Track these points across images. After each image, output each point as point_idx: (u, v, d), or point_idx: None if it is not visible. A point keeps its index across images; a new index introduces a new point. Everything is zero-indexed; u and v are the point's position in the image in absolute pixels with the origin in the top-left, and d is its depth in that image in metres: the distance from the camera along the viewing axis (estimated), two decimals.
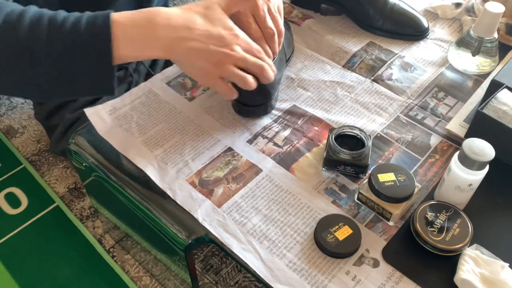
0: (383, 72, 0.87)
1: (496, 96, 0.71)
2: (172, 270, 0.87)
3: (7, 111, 1.43)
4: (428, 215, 0.62)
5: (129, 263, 1.07)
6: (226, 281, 1.03)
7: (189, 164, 0.71)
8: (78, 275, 1.06)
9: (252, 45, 0.64)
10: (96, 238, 1.12)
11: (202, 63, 0.62)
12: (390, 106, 0.81)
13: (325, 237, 0.61)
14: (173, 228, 0.66)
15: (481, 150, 0.59)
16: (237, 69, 0.62)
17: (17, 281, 1.05)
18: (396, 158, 0.73)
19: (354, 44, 0.93)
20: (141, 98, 0.81)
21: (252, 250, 0.62)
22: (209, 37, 0.60)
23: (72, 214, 1.17)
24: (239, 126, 0.77)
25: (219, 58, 0.61)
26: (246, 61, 0.62)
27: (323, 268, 0.60)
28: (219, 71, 0.62)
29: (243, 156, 0.73)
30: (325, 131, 0.76)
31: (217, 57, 0.61)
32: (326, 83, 0.85)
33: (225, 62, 0.61)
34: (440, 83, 0.86)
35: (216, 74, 0.63)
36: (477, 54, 0.84)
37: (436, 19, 1.00)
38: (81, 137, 0.77)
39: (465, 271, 0.57)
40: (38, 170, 1.27)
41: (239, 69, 0.63)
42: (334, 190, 0.69)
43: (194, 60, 0.62)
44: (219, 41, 0.61)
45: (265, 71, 0.64)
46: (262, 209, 0.66)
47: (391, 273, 0.60)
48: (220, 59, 0.61)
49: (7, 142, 1.35)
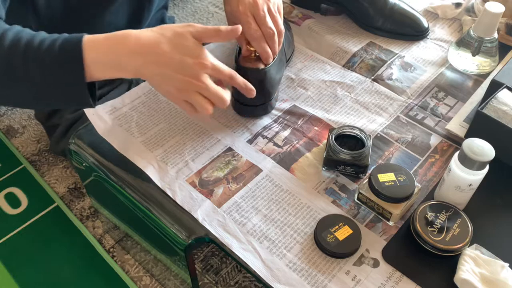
0: (383, 72, 0.87)
1: (496, 96, 0.71)
2: (172, 270, 0.87)
3: (7, 111, 1.43)
4: (428, 215, 0.62)
5: (129, 263, 1.07)
6: (226, 281, 1.03)
7: (189, 164, 0.71)
8: (78, 275, 1.06)
9: (222, 72, 0.65)
10: (96, 238, 1.12)
11: (167, 87, 0.63)
12: (390, 106, 0.81)
13: (325, 237, 0.61)
14: (173, 228, 0.66)
15: (481, 150, 0.59)
16: (200, 98, 0.63)
17: (17, 281, 1.05)
18: (396, 158, 0.73)
19: (354, 44, 0.93)
20: (141, 98, 0.81)
21: (252, 250, 0.62)
22: (174, 64, 0.62)
23: (72, 214, 1.17)
24: (239, 126, 0.77)
25: (183, 86, 0.62)
26: (208, 92, 0.63)
27: (323, 268, 0.60)
28: (183, 96, 0.64)
29: (243, 156, 0.73)
30: (325, 131, 0.76)
31: (181, 85, 0.62)
32: (326, 83, 0.85)
33: (189, 89, 0.63)
34: (440, 83, 0.86)
35: (180, 98, 0.64)
36: (477, 54, 0.84)
37: (436, 19, 1.00)
38: (81, 137, 0.77)
39: (465, 271, 0.57)
40: (38, 170, 1.26)
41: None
42: (334, 190, 0.69)
43: (161, 83, 0.64)
44: (183, 69, 0.62)
45: (224, 104, 0.65)
46: (262, 209, 0.66)
47: (391, 273, 0.60)
48: (184, 86, 0.63)
49: (7, 142, 1.35)
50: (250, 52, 0.73)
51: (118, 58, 0.61)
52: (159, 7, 1.02)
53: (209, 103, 0.64)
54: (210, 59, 0.63)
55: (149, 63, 0.62)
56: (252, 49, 0.73)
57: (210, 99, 0.64)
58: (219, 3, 1.88)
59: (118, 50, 0.61)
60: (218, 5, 1.87)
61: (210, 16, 1.82)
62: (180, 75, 0.62)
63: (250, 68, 0.71)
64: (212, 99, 0.64)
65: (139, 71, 0.62)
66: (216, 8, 1.86)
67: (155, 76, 0.63)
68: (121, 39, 0.62)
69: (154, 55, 0.61)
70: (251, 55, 0.74)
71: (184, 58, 0.62)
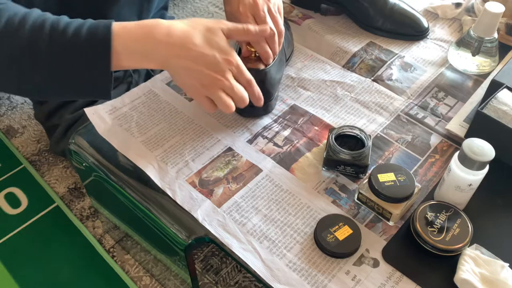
0: (383, 72, 0.87)
1: (496, 96, 0.71)
2: (172, 270, 0.87)
3: (7, 111, 1.43)
4: (428, 215, 0.62)
5: (129, 263, 1.07)
6: (226, 281, 1.03)
7: (189, 164, 0.71)
8: (78, 275, 1.06)
9: (243, 74, 0.66)
10: (96, 238, 1.12)
11: (192, 81, 0.63)
12: (390, 105, 0.81)
13: (325, 237, 0.61)
14: (173, 228, 0.66)
15: (481, 150, 0.59)
16: (224, 95, 0.64)
17: (17, 281, 1.05)
18: (396, 158, 0.73)
19: (354, 44, 0.93)
20: (141, 98, 0.81)
21: (252, 250, 0.62)
22: (204, 59, 0.62)
23: (72, 214, 1.17)
24: (239, 126, 0.77)
25: (209, 81, 0.63)
26: (233, 91, 0.64)
27: (323, 268, 0.60)
28: (207, 92, 0.64)
29: (243, 156, 0.73)
30: (325, 131, 0.76)
31: (207, 80, 0.63)
32: (326, 82, 0.85)
33: (214, 86, 0.63)
34: (440, 83, 0.86)
35: (203, 94, 0.65)
36: (477, 54, 0.84)
37: (436, 19, 1.00)
38: (81, 137, 0.77)
39: (465, 271, 0.57)
40: (38, 170, 1.26)
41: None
42: (334, 190, 0.69)
43: (186, 77, 0.64)
44: (212, 65, 0.62)
45: (244, 104, 0.66)
46: (262, 209, 0.66)
47: (391, 273, 0.60)
48: (210, 82, 0.63)
49: (7, 142, 1.35)
50: (250, 53, 0.74)
51: (148, 47, 0.61)
52: (159, 7, 1.02)
53: (232, 101, 0.64)
54: (237, 58, 0.64)
55: (179, 55, 0.61)
56: (252, 50, 0.73)
57: (233, 97, 0.64)
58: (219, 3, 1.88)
59: (149, 38, 0.61)
60: (218, 5, 1.87)
61: (210, 16, 1.82)
62: (207, 70, 0.62)
63: (250, 68, 0.71)
64: (235, 97, 0.64)
65: (167, 62, 0.62)
66: (216, 8, 1.86)
67: (182, 69, 0.62)
68: (152, 28, 0.61)
69: (184, 49, 0.61)
70: (251, 55, 0.74)
71: (214, 53, 0.62)
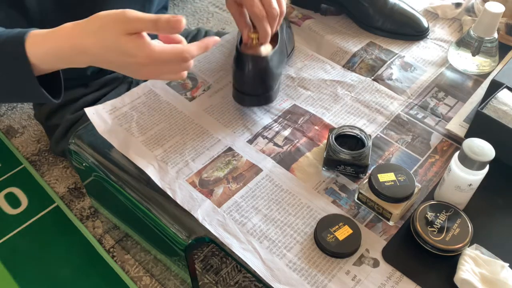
0: (383, 72, 0.87)
1: (496, 96, 0.71)
2: (172, 270, 0.87)
3: (7, 111, 1.43)
4: (428, 215, 0.62)
5: (129, 263, 1.07)
6: (226, 281, 1.03)
7: (189, 164, 0.71)
8: (78, 275, 1.06)
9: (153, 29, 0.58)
10: (96, 238, 1.12)
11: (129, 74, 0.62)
12: (391, 104, 0.81)
13: (325, 237, 0.61)
14: (173, 228, 0.66)
15: (481, 150, 0.59)
16: (165, 76, 0.62)
17: (17, 281, 1.05)
18: (396, 158, 0.73)
19: (354, 44, 0.93)
20: (141, 98, 0.81)
21: (252, 250, 0.62)
22: (117, 66, 0.59)
23: (72, 214, 1.17)
24: (239, 126, 0.77)
25: (143, 77, 0.62)
26: (177, 75, 0.62)
27: (323, 268, 0.60)
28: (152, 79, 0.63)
29: (243, 156, 0.73)
30: (325, 131, 0.76)
31: (140, 76, 0.61)
32: (327, 82, 0.85)
33: (149, 77, 0.63)
34: (440, 83, 0.86)
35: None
36: (477, 54, 0.84)
37: (436, 19, 1.00)
38: (81, 137, 0.77)
39: (465, 271, 0.57)
40: (38, 170, 1.26)
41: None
42: (334, 190, 0.69)
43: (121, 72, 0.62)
44: (128, 68, 0.59)
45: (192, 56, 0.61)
46: (262, 209, 0.66)
47: (391, 273, 0.60)
48: (144, 77, 0.62)
49: (7, 142, 1.35)
50: (251, 39, 0.73)
51: (57, 46, 0.58)
52: (159, 7, 1.02)
53: (179, 72, 0.62)
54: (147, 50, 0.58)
55: (92, 60, 0.59)
56: (252, 36, 0.73)
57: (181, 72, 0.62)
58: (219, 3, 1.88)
59: (56, 38, 0.58)
60: (218, 5, 1.87)
61: (210, 16, 1.82)
62: (129, 71, 0.60)
63: (251, 55, 0.71)
64: (183, 73, 0.62)
65: (87, 63, 0.60)
66: (216, 8, 1.86)
67: (108, 67, 0.60)
68: (58, 29, 0.59)
69: (90, 55, 0.58)
70: (252, 42, 0.73)
71: (122, 59, 0.58)
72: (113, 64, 0.59)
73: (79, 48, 0.58)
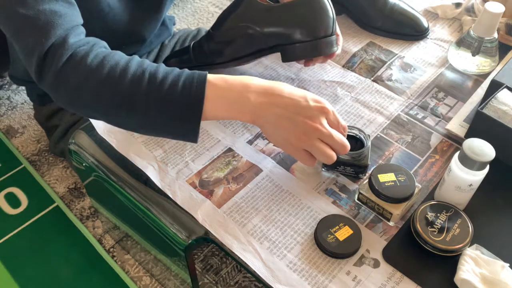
0: (383, 73, 0.87)
1: (496, 96, 0.71)
2: (172, 270, 0.87)
3: (7, 111, 1.43)
4: (428, 215, 0.62)
5: (129, 263, 1.07)
6: (226, 281, 1.03)
7: (189, 165, 0.71)
8: (78, 275, 1.06)
9: (340, 120, 0.63)
10: (96, 238, 1.12)
11: (286, 133, 0.61)
12: (390, 104, 0.81)
13: (326, 238, 0.61)
14: (173, 228, 0.66)
15: (481, 150, 0.59)
16: (323, 145, 0.60)
17: (17, 281, 1.05)
18: (396, 158, 0.73)
19: (354, 44, 0.93)
20: None
21: (252, 251, 0.62)
22: (297, 106, 0.60)
23: (72, 214, 1.17)
24: (239, 127, 0.77)
25: (305, 131, 0.60)
26: (332, 138, 0.61)
27: (324, 268, 0.60)
28: (304, 144, 0.61)
29: (243, 157, 0.73)
30: None
31: (303, 129, 0.60)
32: (326, 82, 0.85)
33: (311, 136, 0.60)
34: (440, 83, 0.86)
35: (300, 146, 0.61)
36: (477, 54, 0.84)
37: (436, 19, 1.00)
38: (81, 137, 0.77)
39: (465, 271, 0.57)
40: (38, 170, 1.26)
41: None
42: (334, 190, 0.69)
43: (279, 128, 0.61)
44: (306, 112, 0.60)
45: (346, 151, 0.62)
46: (262, 210, 0.66)
47: (392, 274, 0.60)
48: (306, 132, 0.60)
49: (7, 142, 1.35)
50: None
51: (239, 97, 0.61)
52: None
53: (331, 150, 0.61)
54: (331, 107, 0.62)
55: (270, 104, 0.60)
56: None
57: (333, 146, 0.61)
58: (219, 3, 1.88)
59: (241, 90, 0.61)
60: (218, 5, 1.87)
61: (210, 16, 1.82)
62: (303, 118, 0.60)
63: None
64: (336, 146, 0.61)
65: (259, 111, 0.60)
66: (216, 8, 1.86)
67: (275, 118, 0.60)
68: (244, 80, 0.62)
69: (276, 96, 0.60)
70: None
71: (307, 100, 0.60)
72: (288, 107, 0.61)
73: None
